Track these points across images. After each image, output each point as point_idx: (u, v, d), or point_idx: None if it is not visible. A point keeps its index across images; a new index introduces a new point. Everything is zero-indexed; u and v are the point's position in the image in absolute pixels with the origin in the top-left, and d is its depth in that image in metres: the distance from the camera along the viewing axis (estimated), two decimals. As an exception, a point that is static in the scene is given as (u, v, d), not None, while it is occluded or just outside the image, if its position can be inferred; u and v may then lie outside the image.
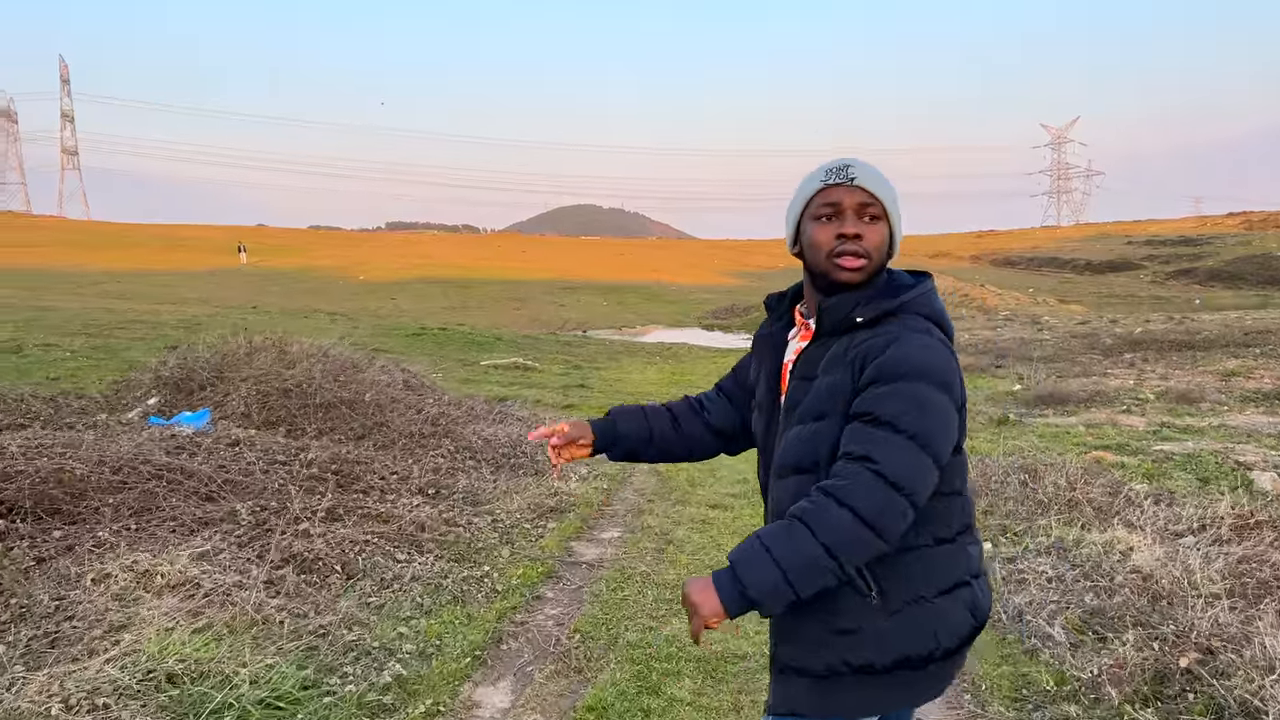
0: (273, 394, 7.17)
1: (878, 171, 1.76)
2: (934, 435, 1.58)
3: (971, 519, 1.78)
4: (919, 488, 1.56)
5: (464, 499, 5.69)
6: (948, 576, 1.68)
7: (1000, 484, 5.91)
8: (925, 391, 1.58)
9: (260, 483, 5.04)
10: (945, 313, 1.75)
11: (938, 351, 1.63)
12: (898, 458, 1.54)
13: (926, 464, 1.57)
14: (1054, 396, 11.22)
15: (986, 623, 1.76)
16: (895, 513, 1.54)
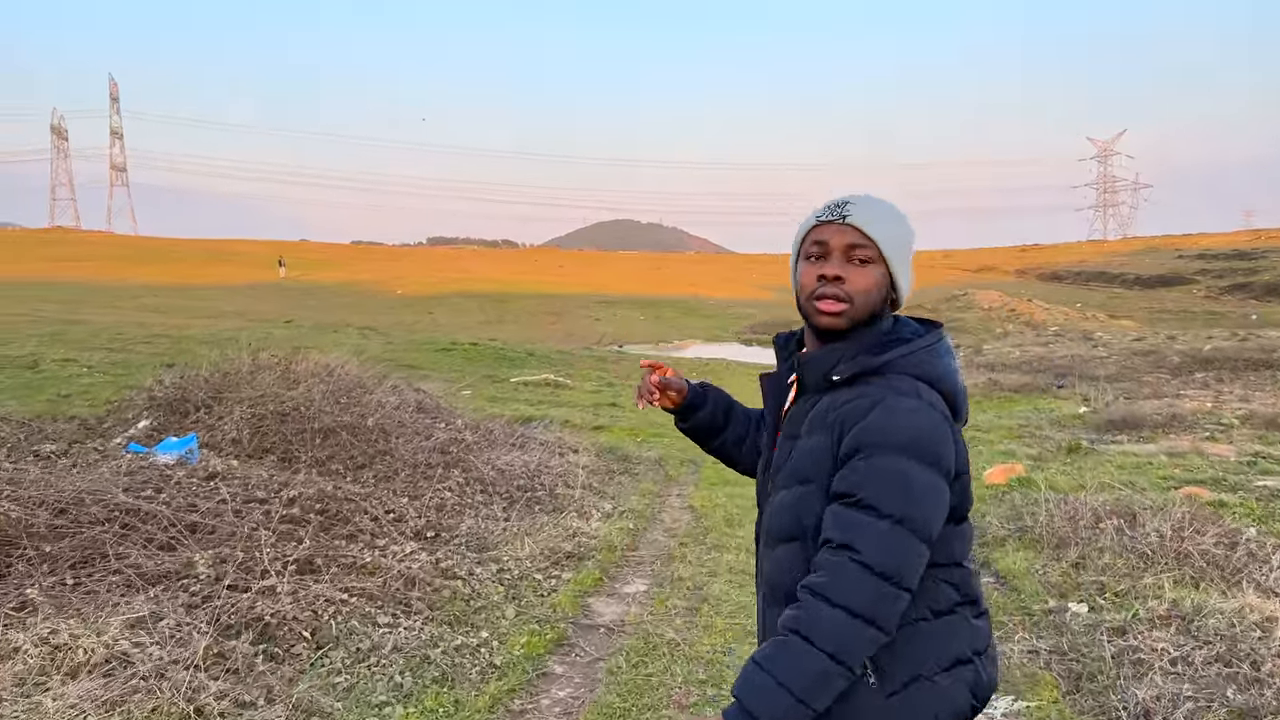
0: (268, 418, 6.52)
1: (884, 210, 1.62)
2: (921, 517, 1.47)
3: (976, 591, 1.62)
4: (908, 573, 1.46)
5: (467, 543, 4.96)
6: (947, 653, 1.55)
7: (1091, 531, 5.05)
8: (909, 469, 1.46)
9: (230, 527, 4.36)
10: (951, 372, 1.59)
11: (925, 417, 1.50)
12: (882, 544, 1.44)
13: (914, 547, 1.46)
14: (1126, 421, 10.26)
15: (988, 702, 1.63)
16: (888, 601, 1.45)
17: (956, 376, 1.59)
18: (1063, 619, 4.17)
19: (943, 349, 1.60)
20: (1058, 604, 4.35)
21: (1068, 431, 10.26)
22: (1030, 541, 5.26)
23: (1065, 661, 3.78)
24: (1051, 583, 4.61)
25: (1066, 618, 4.17)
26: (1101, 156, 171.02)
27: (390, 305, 44.48)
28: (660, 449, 9.30)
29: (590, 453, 8.38)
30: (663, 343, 33.83)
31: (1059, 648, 3.92)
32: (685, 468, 8.48)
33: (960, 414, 1.59)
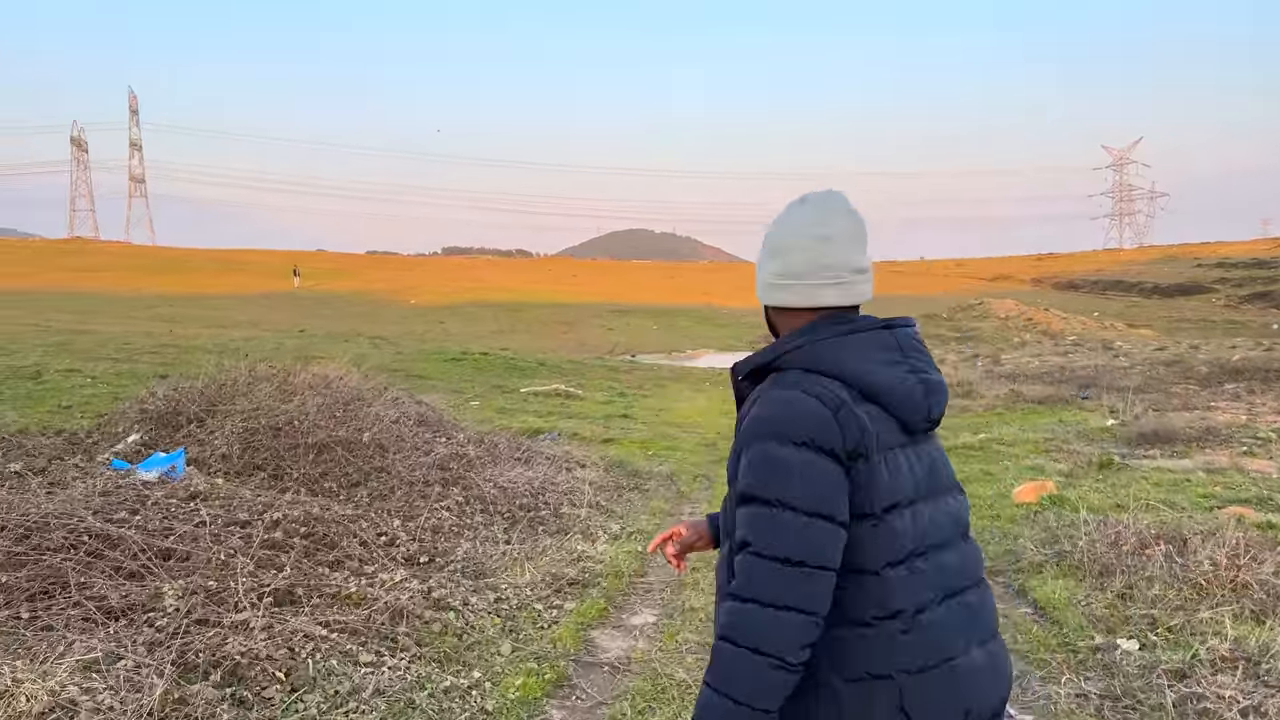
0: (260, 432, 6.22)
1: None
2: (804, 494, 1.42)
3: (901, 605, 1.47)
4: (810, 551, 1.41)
5: (462, 569, 4.62)
6: (859, 664, 1.45)
7: (1137, 557, 4.67)
8: (779, 452, 1.44)
9: (205, 553, 4.04)
10: (856, 362, 1.51)
11: (796, 402, 1.46)
12: (774, 531, 1.42)
13: (803, 525, 1.41)
14: (1159, 434, 9.83)
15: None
16: (798, 583, 1.40)
17: (869, 366, 1.51)
18: (1112, 658, 3.80)
19: (855, 341, 1.53)
20: (1105, 640, 3.97)
21: (1097, 445, 9.84)
22: (1069, 568, 4.87)
23: (1120, 710, 3.40)
24: (1097, 616, 4.23)
25: (1117, 656, 3.80)
26: (1117, 165, 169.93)
27: (403, 315, 44.36)
28: (672, 463, 8.96)
29: (599, 468, 8.05)
30: (675, 352, 33.48)
31: (1111, 691, 3.55)
32: (698, 484, 8.13)
33: (885, 403, 1.50)
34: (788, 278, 1.61)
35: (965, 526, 1.62)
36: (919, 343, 1.61)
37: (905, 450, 1.52)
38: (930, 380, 1.55)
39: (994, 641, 1.56)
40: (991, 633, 1.57)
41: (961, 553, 1.57)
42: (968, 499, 1.67)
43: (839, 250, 1.58)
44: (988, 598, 1.60)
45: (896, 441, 1.51)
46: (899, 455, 1.51)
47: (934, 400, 1.55)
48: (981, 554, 1.64)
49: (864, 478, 1.46)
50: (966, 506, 1.64)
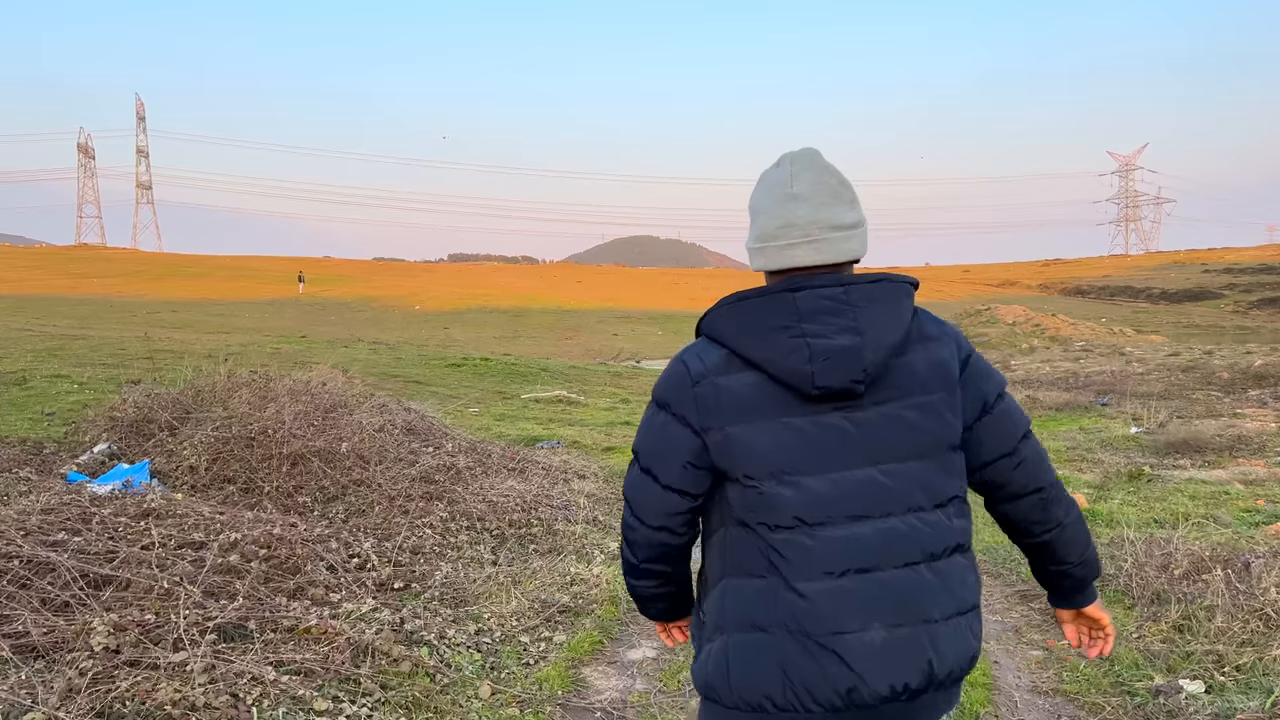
0: (232, 442, 5.78)
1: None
2: (645, 449, 1.61)
3: (791, 570, 1.48)
4: (637, 500, 1.63)
5: (441, 596, 4.16)
6: (747, 614, 1.51)
7: (1192, 583, 4.19)
8: (647, 411, 1.63)
9: (148, 580, 3.59)
10: (744, 338, 1.52)
11: (671, 370, 1.58)
12: (627, 473, 1.67)
13: (637, 475, 1.62)
14: (1188, 443, 9.34)
15: (834, 708, 1.46)
16: (625, 523, 1.67)
17: (750, 334, 1.50)
18: (1177, 702, 3.32)
19: (745, 308, 1.52)
20: (1166, 682, 3.49)
21: (1123, 455, 9.36)
22: (1116, 594, 4.40)
23: (1194, 769, 2.94)
24: (1153, 651, 3.76)
25: (1181, 701, 3.32)
26: (1123, 171, 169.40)
27: (408, 320, 44.05)
28: (676, 474, 8.50)
29: (598, 478, 7.59)
30: (681, 358, 33.03)
31: (1179, 745, 3.08)
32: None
33: (767, 371, 1.49)
34: (761, 240, 1.57)
35: (908, 503, 1.51)
36: (838, 304, 1.49)
37: (804, 419, 1.48)
38: (822, 346, 1.46)
39: (916, 627, 1.47)
40: (916, 617, 1.48)
41: (888, 529, 1.48)
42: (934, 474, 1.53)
43: (809, 208, 1.52)
44: (924, 581, 1.49)
45: (786, 411, 1.48)
46: (786, 424, 1.48)
47: (820, 367, 1.46)
48: (937, 534, 1.52)
49: (721, 446, 1.51)
50: (917, 482, 1.51)
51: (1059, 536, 1.65)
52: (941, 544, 1.52)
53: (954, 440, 1.55)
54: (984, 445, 1.60)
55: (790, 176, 1.55)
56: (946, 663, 1.49)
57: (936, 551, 1.51)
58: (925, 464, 1.52)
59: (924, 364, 1.53)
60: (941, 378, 1.54)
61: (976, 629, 1.57)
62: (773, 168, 1.60)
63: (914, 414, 1.51)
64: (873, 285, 1.52)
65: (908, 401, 1.52)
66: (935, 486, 1.53)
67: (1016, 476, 1.61)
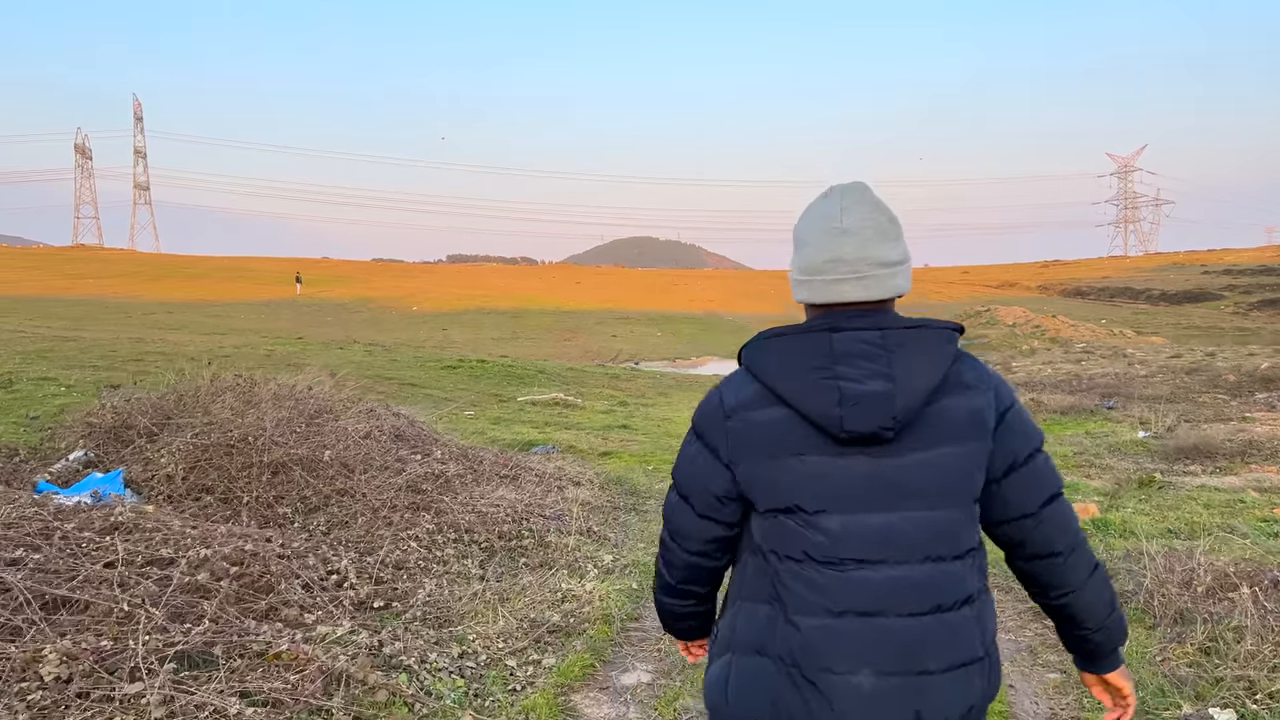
0: (212, 449, 5.55)
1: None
2: (680, 477, 1.65)
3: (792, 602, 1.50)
4: (673, 523, 1.67)
5: (424, 616, 3.93)
6: (753, 638, 1.55)
7: (1217, 601, 3.97)
8: (686, 438, 1.65)
9: (109, 601, 3.36)
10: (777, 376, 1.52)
11: (708, 401, 1.61)
12: (667, 496, 1.69)
13: (675, 500, 1.66)
14: (1198, 448, 9.11)
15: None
16: (663, 543, 1.71)
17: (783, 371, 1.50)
18: (1208, 735, 3.11)
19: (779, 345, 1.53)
20: (1195, 711, 3.27)
21: (1131, 460, 9.14)
22: (1136, 613, 4.17)
23: (1233, 812, 2.71)
24: (1180, 677, 3.54)
25: (1213, 734, 3.10)
26: (1121, 172, 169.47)
27: (406, 321, 43.82)
28: (674, 480, 8.28)
29: (593, 485, 7.37)
30: (679, 359, 32.82)
31: (1213, 782, 2.86)
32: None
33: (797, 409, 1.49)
34: (806, 273, 1.55)
35: (926, 552, 1.48)
36: (874, 348, 1.47)
37: (830, 459, 1.48)
38: (853, 390, 1.45)
39: (908, 678, 1.45)
40: (911, 668, 1.45)
41: (899, 577, 1.47)
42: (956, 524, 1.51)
43: (858, 243, 1.51)
44: (927, 632, 1.47)
45: (813, 448, 1.48)
46: (811, 462, 1.48)
47: (849, 411, 1.45)
48: (949, 585, 1.49)
49: (747, 479, 1.53)
50: (939, 531, 1.49)
51: (1075, 601, 1.62)
52: (953, 596, 1.50)
53: (976, 494, 1.53)
54: (1007, 502, 1.57)
55: (840, 211, 1.53)
56: (938, 714, 1.47)
57: (946, 603, 1.49)
58: (948, 514, 1.50)
59: (958, 413, 1.50)
60: (974, 428, 1.51)
61: (990, 675, 1.54)
62: (821, 199, 1.58)
63: (942, 462, 1.49)
64: (911, 331, 1.50)
65: (937, 450, 1.49)
66: (955, 537, 1.51)
67: (1035, 537, 1.58)
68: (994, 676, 1.55)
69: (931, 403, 1.48)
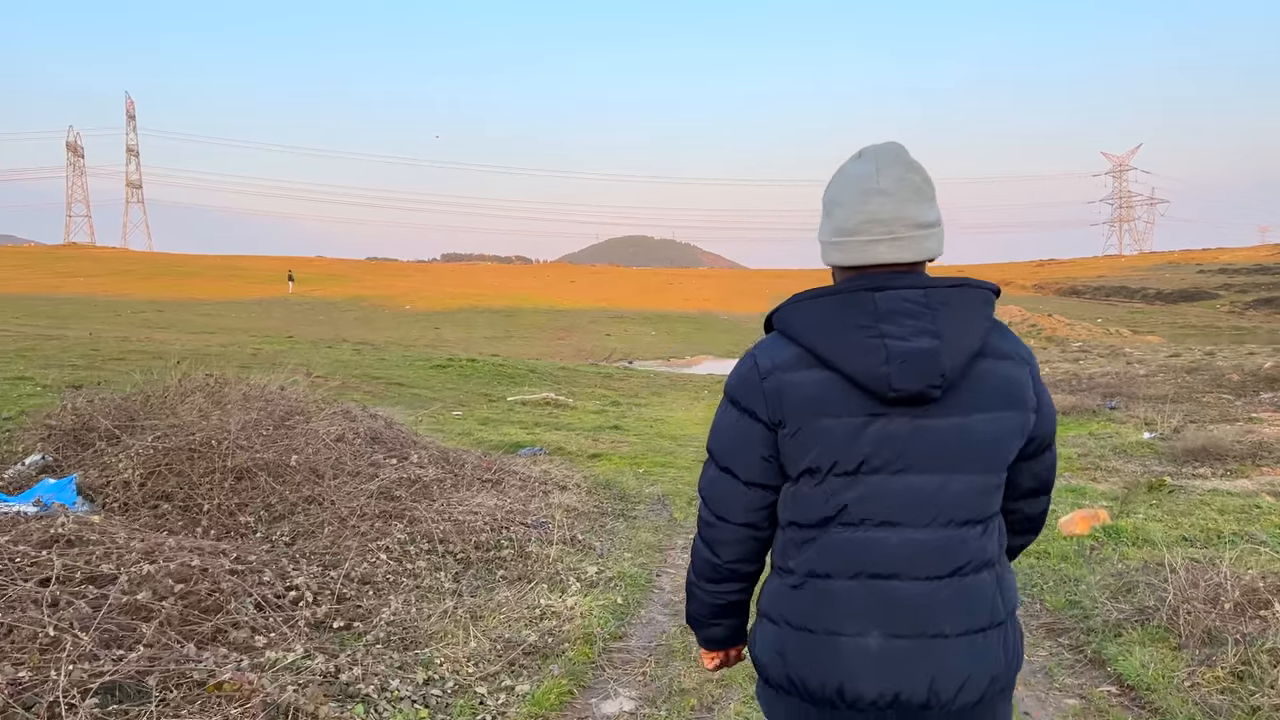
0: (175, 453, 5.23)
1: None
2: (718, 448, 1.59)
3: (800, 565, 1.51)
4: (714, 499, 1.60)
5: (387, 637, 3.62)
6: (764, 601, 1.60)
7: (1251, 621, 3.67)
8: (719, 408, 1.61)
9: (34, 624, 3.04)
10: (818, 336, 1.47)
11: (741, 367, 1.57)
12: (702, 472, 1.64)
13: (715, 474, 1.60)
14: (1207, 450, 8.83)
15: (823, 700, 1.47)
16: (704, 523, 1.63)
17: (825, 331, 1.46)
18: (1248, 774, 2.80)
19: (820, 305, 1.48)
20: (1233, 745, 2.97)
21: (1138, 463, 8.85)
22: (1159, 632, 3.87)
23: None
24: (1213, 706, 3.23)
25: (1254, 772, 2.80)
26: (1116, 171, 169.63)
27: (398, 320, 43.47)
28: (665, 483, 7.97)
29: (580, 490, 7.06)
30: (673, 358, 32.52)
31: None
32: (694, 507, 7.14)
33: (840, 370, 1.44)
34: (840, 235, 1.52)
35: (951, 515, 1.47)
36: (918, 306, 1.45)
37: (871, 420, 1.44)
38: (900, 348, 1.42)
39: (919, 640, 1.44)
40: (922, 630, 1.44)
41: (917, 540, 1.46)
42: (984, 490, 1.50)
43: (894, 204, 1.48)
44: (940, 595, 1.45)
45: (854, 410, 1.45)
46: (850, 424, 1.45)
47: (897, 369, 1.42)
48: (968, 549, 1.48)
49: (786, 443, 1.49)
50: (967, 495, 1.48)
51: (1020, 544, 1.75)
52: (971, 560, 1.48)
53: (1009, 461, 1.52)
54: (1027, 479, 1.62)
55: (876, 171, 1.50)
56: (951, 680, 1.44)
57: (964, 567, 1.47)
58: (980, 479, 1.49)
59: (998, 379, 1.49)
60: (1014, 398, 1.50)
61: (1012, 645, 1.51)
62: (854, 160, 1.54)
63: (981, 428, 1.48)
64: (953, 289, 1.47)
65: (978, 416, 1.47)
66: (981, 502, 1.50)
67: (1033, 509, 1.69)
68: (1017, 649, 1.53)
69: (973, 365, 1.46)
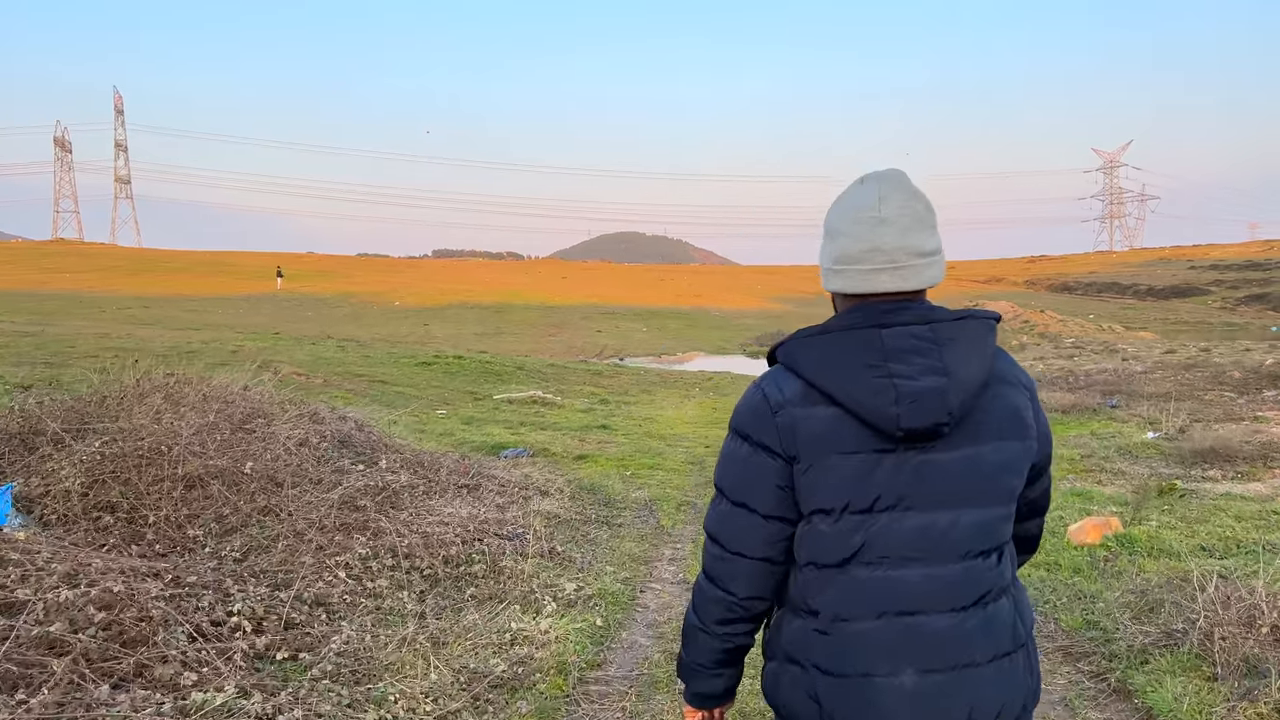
0: (121, 460, 4.84)
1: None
2: (729, 484, 1.56)
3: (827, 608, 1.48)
4: (727, 536, 1.56)
5: (336, 671, 3.24)
6: (787, 645, 1.55)
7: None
8: (727, 443, 1.58)
9: (-76, 664, 2.66)
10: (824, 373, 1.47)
11: (749, 400, 1.55)
12: (711, 512, 1.60)
13: (726, 510, 1.56)
14: (1216, 451, 8.51)
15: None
16: (716, 562, 1.57)
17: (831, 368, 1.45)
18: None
19: (825, 342, 1.48)
20: (1288, 798, 2.63)
21: (1144, 465, 8.52)
22: (1191, 659, 3.52)
23: None
24: (1258, 749, 2.90)
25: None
26: (1107, 168, 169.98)
27: (388, 316, 43.00)
28: (653, 487, 7.61)
29: (563, 495, 6.69)
30: (665, 354, 32.17)
31: None
32: (683, 513, 6.78)
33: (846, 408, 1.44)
34: (842, 262, 1.51)
35: (966, 548, 1.46)
36: (925, 343, 1.44)
37: (881, 456, 1.44)
38: (909, 388, 1.41)
39: (953, 673, 1.43)
40: (954, 663, 1.44)
41: (938, 575, 1.45)
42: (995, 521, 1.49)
43: (896, 233, 1.47)
44: (966, 626, 1.45)
45: (863, 447, 1.45)
46: (859, 461, 1.45)
47: (906, 409, 1.41)
48: (988, 578, 1.48)
49: (799, 479, 1.48)
50: (980, 529, 1.47)
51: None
52: (990, 588, 1.48)
53: (1018, 490, 1.52)
54: (1027, 503, 1.62)
55: (878, 200, 1.49)
56: (988, 707, 1.45)
57: (985, 596, 1.47)
58: (991, 511, 1.48)
59: (1001, 409, 1.49)
60: (1018, 426, 1.50)
61: (1033, 662, 1.53)
62: (856, 187, 1.55)
63: (988, 459, 1.47)
64: (957, 323, 1.48)
65: (984, 448, 1.47)
66: (994, 533, 1.49)
67: (1030, 530, 1.68)
68: (1037, 671, 1.54)
69: (979, 397, 1.46)
